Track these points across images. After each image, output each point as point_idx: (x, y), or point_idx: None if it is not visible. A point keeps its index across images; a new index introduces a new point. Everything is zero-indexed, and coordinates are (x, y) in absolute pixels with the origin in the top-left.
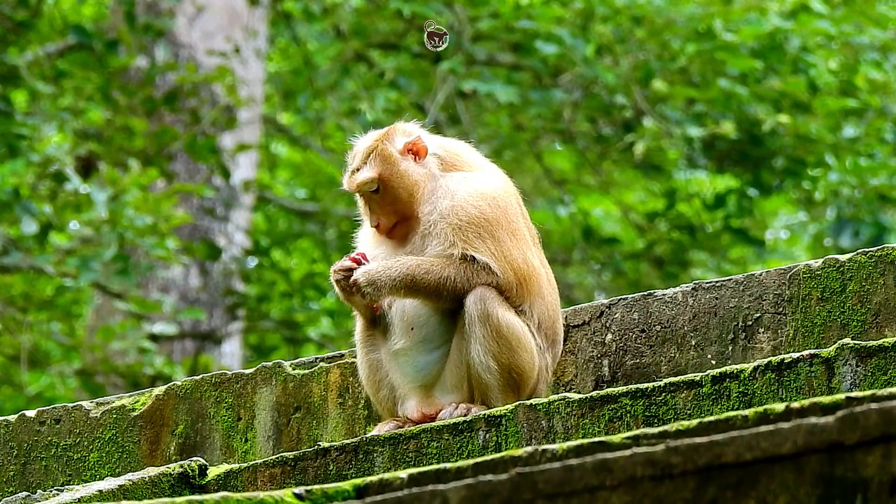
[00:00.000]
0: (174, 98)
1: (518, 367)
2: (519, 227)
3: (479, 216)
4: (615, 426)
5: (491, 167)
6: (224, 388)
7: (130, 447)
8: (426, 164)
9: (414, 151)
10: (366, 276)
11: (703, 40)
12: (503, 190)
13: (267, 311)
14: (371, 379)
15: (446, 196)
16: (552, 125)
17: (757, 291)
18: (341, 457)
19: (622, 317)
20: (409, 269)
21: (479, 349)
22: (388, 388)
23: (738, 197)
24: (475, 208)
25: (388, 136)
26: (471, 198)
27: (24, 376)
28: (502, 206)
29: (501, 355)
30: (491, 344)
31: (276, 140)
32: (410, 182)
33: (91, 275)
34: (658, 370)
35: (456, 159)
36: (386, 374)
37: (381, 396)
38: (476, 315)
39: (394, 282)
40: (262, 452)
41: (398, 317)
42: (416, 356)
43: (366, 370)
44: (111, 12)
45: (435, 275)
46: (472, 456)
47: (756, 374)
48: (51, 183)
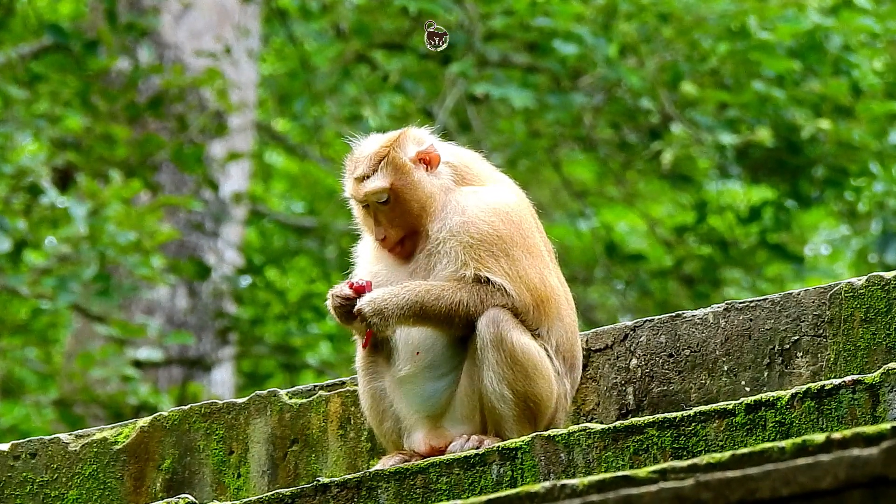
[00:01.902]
0: (159, 103)
1: (535, 396)
2: (535, 244)
3: (492, 233)
4: (640, 459)
5: (504, 179)
6: (214, 418)
7: (113, 483)
8: (439, 174)
9: (426, 161)
10: (371, 306)
11: (736, 39)
12: (517, 204)
13: (261, 335)
14: (374, 409)
15: (457, 212)
16: (572, 132)
17: (795, 312)
18: (342, 493)
19: (648, 340)
20: (418, 297)
21: (492, 376)
22: (392, 418)
23: (775, 209)
24: (488, 225)
25: (400, 142)
26: (483, 214)
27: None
28: (516, 222)
29: (517, 383)
30: (505, 371)
31: (270, 149)
32: (424, 195)
33: (69, 296)
34: (687, 398)
35: (467, 171)
36: (390, 403)
37: (385, 428)
38: (489, 339)
39: (402, 310)
40: (257, 489)
41: (403, 340)
42: (423, 383)
43: (368, 400)
44: (90, 10)
45: (446, 300)
46: (484, 492)
47: (794, 403)
48: (25, 196)
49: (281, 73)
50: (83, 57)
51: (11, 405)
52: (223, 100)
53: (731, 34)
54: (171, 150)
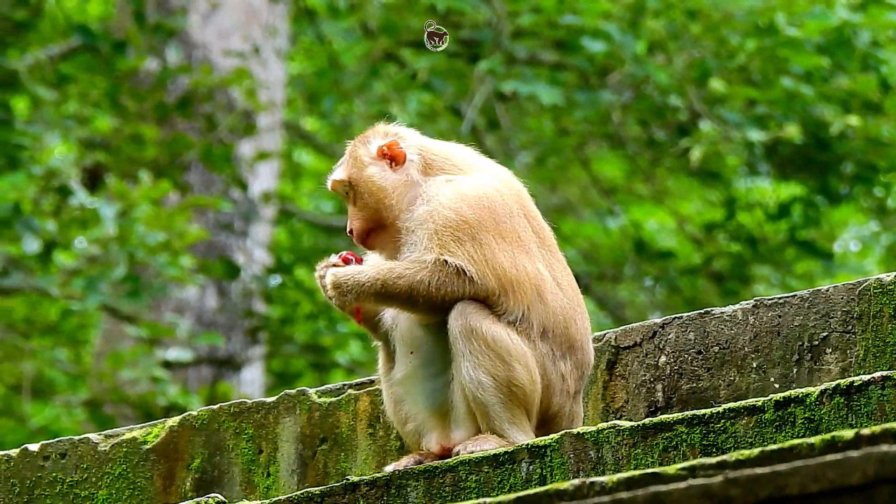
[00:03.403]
0: (188, 103)
1: (516, 381)
2: (510, 230)
3: (455, 219)
4: (670, 456)
5: (488, 168)
6: (244, 418)
7: (142, 483)
8: (405, 169)
9: (389, 156)
10: (332, 278)
11: (764, 36)
12: (493, 189)
13: (290, 334)
14: (397, 413)
15: (424, 202)
16: (600, 129)
17: (824, 308)
18: (372, 492)
19: (677, 337)
20: (379, 273)
21: (467, 366)
22: (413, 421)
23: (804, 206)
24: (452, 211)
25: (365, 137)
26: (448, 201)
27: (26, 407)
28: (488, 207)
29: (495, 369)
30: (480, 359)
31: (298, 148)
32: (376, 188)
33: (99, 297)
34: (716, 395)
35: (444, 163)
36: (407, 406)
37: (408, 430)
38: (459, 331)
39: (362, 286)
40: (286, 488)
41: (399, 341)
42: (423, 383)
43: (391, 405)
44: (118, 11)
45: (407, 279)
46: (514, 490)
47: (823, 399)
48: (54, 197)
49: (309, 72)
50: (112, 57)
51: (42, 406)
52: (252, 99)
53: (759, 30)
54: (199, 150)
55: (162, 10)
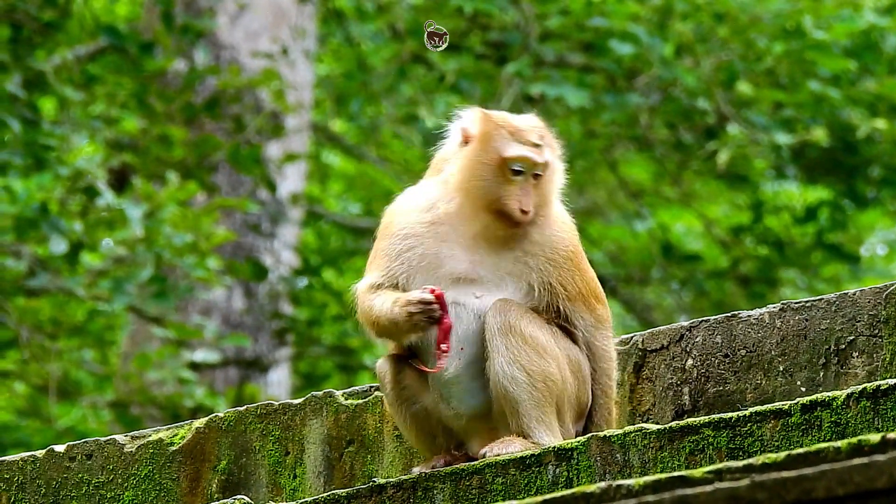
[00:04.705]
0: (216, 104)
1: (551, 376)
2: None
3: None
4: (696, 459)
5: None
6: (270, 419)
7: (168, 485)
8: None
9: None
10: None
11: (791, 39)
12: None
13: (317, 336)
14: (423, 432)
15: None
16: (627, 132)
17: (851, 312)
18: (398, 494)
19: (704, 340)
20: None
21: (501, 361)
22: (444, 432)
23: (831, 209)
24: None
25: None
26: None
27: (52, 408)
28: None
29: (531, 364)
30: (516, 354)
31: (326, 149)
32: (557, 182)
33: (125, 298)
34: (743, 398)
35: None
36: (437, 418)
37: (438, 443)
38: (497, 328)
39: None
40: (312, 490)
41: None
42: (469, 381)
43: (414, 426)
44: (146, 11)
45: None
46: (540, 492)
47: (850, 403)
48: (81, 198)
49: (337, 73)
50: (139, 58)
51: (68, 407)
52: (280, 101)
53: (786, 34)
54: (227, 152)
55: (190, 12)
